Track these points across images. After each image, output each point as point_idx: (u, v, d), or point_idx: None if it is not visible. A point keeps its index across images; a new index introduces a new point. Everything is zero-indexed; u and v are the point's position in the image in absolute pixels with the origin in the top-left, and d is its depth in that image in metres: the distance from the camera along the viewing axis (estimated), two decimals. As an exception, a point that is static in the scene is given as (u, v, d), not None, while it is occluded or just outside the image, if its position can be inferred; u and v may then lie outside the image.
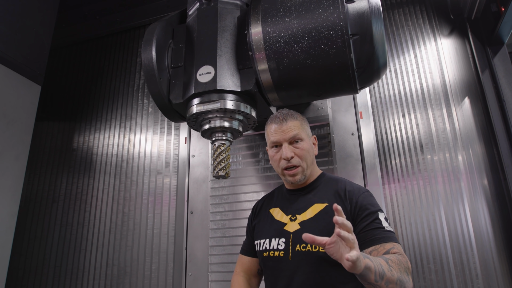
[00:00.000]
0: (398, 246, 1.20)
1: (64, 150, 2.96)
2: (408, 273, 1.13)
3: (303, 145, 1.43)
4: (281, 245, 1.36)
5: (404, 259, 1.15)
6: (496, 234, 1.92)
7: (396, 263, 1.10)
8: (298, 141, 1.43)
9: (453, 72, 2.24)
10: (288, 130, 1.43)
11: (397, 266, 1.09)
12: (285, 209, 1.48)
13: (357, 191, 1.37)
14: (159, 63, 1.71)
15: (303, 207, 1.42)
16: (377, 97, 2.30)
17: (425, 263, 1.96)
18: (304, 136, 1.45)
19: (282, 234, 1.39)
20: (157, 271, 2.39)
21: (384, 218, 1.28)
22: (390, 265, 1.07)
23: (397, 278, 1.06)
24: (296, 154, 1.41)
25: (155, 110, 2.80)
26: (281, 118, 1.45)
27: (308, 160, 1.43)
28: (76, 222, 2.70)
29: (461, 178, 2.04)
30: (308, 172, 1.45)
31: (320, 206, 1.38)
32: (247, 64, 1.64)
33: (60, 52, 3.31)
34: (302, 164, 1.42)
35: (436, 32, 2.34)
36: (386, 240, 1.21)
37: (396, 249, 1.19)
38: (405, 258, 1.16)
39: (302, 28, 1.52)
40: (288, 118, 1.45)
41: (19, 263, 2.72)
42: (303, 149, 1.42)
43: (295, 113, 1.50)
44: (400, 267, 1.10)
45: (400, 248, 1.20)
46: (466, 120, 2.14)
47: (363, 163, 2.09)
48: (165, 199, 2.53)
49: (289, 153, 1.40)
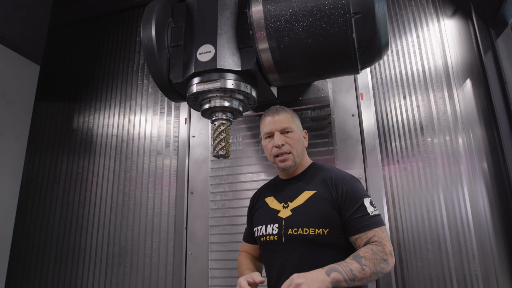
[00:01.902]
0: (379, 232, 1.33)
1: (64, 130, 2.96)
2: (387, 257, 1.27)
3: (293, 135, 1.52)
4: (275, 230, 1.45)
5: (379, 249, 1.27)
6: (494, 215, 1.94)
7: (370, 259, 1.24)
8: (288, 132, 1.52)
9: (456, 53, 2.21)
10: (280, 122, 1.52)
11: (371, 261, 1.23)
12: (278, 197, 1.56)
13: (343, 179, 1.45)
14: (159, 42, 1.70)
15: (294, 195, 1.50)
16: (378, 78, 2.29)
17: (422, 243, 1.98)
18: (294, 128, 1.54)
19: (275, 220, 1.47)
20: (157, 250, 2.42)
21: (370, 203, 1.38)
22: (364, 263, 1.22)
23: (371, 273, 1.22)
24: (286, 142, 1.50)
25: (155, 91, 2.79)
26: (274, 111, 1.55)
27: (298, 149, 1.52)
28: (77, 201, 2.72)
29: (460, 161, 2.04)
30: (298, 160, 1.53)
31: (309, 193, 1.46)
32: (247, 43, 1.63)
33: (59, 32, 3.28)
34: (292, 151, 1.50)
35: (439, 13, 2.31)
36: (370, 227, 1.33)
37: (377, 236, 1.31)
38: (382, 246, 1.28)
39: (304, 6, 1.50)
40: (280, 111, 1.55)
41: (22, 242, 2.75)
42: (293, 138, 1.52)
43: (287, 108, 1.59)
44: (375, 260, 1.24)
45: (381, 233, 1.33)
46: (467, 102, 2.13)
47: (363, 144, 2.09)
48: (165, 180, 2.54)
49: (280, 141, 1.49)
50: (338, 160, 2.11)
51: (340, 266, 1.21)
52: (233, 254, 2.18)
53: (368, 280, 1.24)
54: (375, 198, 1.99)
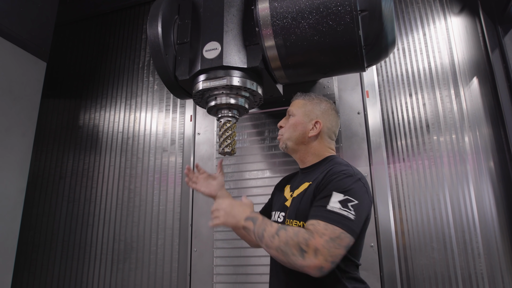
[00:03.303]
0: (322, 226, 1.16)
1: (70, 127, 2.98)
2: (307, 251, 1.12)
3: (292, 119, 1.57)
4: (280, 218, 1.49)
5: (305, 237, 1.14)
6: (499, 214, 1.93)
7: (287, 236, 1.16)
8: (291, 116, 1.58)
9: (462, 51, 2.20)
10: (291, 105, 1.62)
11: (285, 238, 1.16)
12: (291, 186, 1.58)
13: (335, 173, 1.32)
14: (165, 39, 1.70)
15: (297, 185, 1.51)
16: (384, 76, 2.28)
17: (428, 242, 1.98)
18: (296, 113, 1.57)
19: (283, 209, 1.50)
20: (163, 246, 2.43)
21: (340, 200, 1.21)
22: (277, 234, 1.18)
23: (277, 246, 1.17)
24: (286, 125, 1.58)
25: (160, 88, 2.79)
26: (295, 96, 1.66)
27: (292, 134, 1.54)
28: (83, 198, 2.73)
29: (467, 159, 2.04)
30: (290, 144, 1.55)
31: (306, 185, 1.43)
32: (253, 40, 1.63)
33: (65, 29, 3.29)
34: (285, 134, 1.56)
35: (446, 10, 2.29)
36: (315, 218, 1.20)
37: (313, 226, 1.18)
38: (310, 238, 1.14)
39: (310, 3, 1.49)
40: (299, 96, 1.63)
41: (28, 237, 2.77)
42: (290, 122, 1.56)
43: (307, 94, 1.63)
44: (290, 241, 1.15)
45: (323, 229, 1.15)
46: (473, 100, 2.12)
47: (369, 142, 2.09)
48: (171, 177, 2.55)
49: (281, 122, 1.61)
50: (344, 158, 2.10)
51: (260, 221, 1.26)
52: (238, 251, 2.18)
53: (270, 251, 1.20)
54: (380, 196, 1.99)
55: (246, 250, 2.18)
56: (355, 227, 1.17)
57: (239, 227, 1.33)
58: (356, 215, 1.18)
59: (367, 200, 1.28)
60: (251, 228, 1.27)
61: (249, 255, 2.17)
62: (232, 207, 1.37)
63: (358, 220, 1.19)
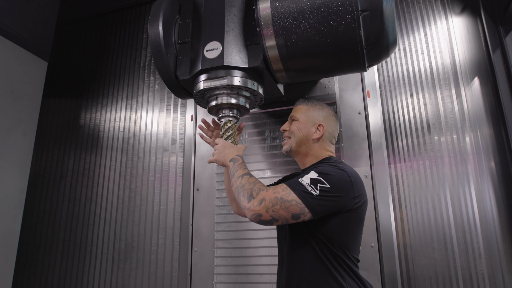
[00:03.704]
0: (280, 186, 1.29)
1: (71, 126, 2.98)
2: (255, 198, 1.25)
3: (296, 123, 1.62)
4: None
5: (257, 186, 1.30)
6: (501, 214, 1.93)
7: (246, 181, 1.34)
8: (294, 120, 1.64)
9: (464, 51, 2.20)
10: (294, 110, 1.67)
11: (244, 182, 1.33)
12: None
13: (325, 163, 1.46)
14: (166, 38, 1.70)
15: None
16: (385, 76, 2.28)
17: (428, 242, 1.97)
18: (299, 118, 1.62)
19: None
20: (163, 246, 2.43)
21: (312, 178, 1.29)
22: (241, 176, 1.36)
23: (236, 186, 1.35)
24: (290, 128, 1.63)
25: (161, 88, 2.79)
26: (297, 102, 1.72)
27: (297, 137, 1.59)
28: (84, 197, 2.74)
29: (468, 159, 2.03)
30: (295, 147, 1.60)
31: None
32: (254, 40, 1.63)
33: (66, 28, 3.29)
34: (291, 136, 1.62)
35: (447, 10, 2.29)
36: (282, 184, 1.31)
37: (276, 186, 1.30)
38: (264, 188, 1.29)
39: (311, 3, 1.49)
40: (301, 102, 1.70)
41: (29, 237, 2.77)
42: (295, 126, 1.62)
43: (308, 101, 1.70)
44: (244, 184, 1.32)
45: (279, 188, 1.28)
46: (475, 100, 2.11)
47: (370, 142, 2.08)
48: (172, 176, 2.55)
49: (284, 126, 1.67)
50: (344, 158, 2.10)
51: (238, 163, 1.45)
52: (239, 251, 2.19)
53: (232, 189, 1.39)
54: (381, 196, 1.99)
55: (247, 250, 2.18)
56: (313, 204, 1.24)
57: (225, 166, 1.54)
58: (321, 196, 1.25)
59: (348, 191, 1.31)
60: (230, 167, 1.46)
61: (249, 255, 2.17)
62: (224, 147, 1.57)
63: (320, 201, 1.25)
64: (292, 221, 1.25)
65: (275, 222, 1.23)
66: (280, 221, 1.24)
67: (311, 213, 1.24)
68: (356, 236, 1.40)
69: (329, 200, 1.26)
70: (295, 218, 1.24)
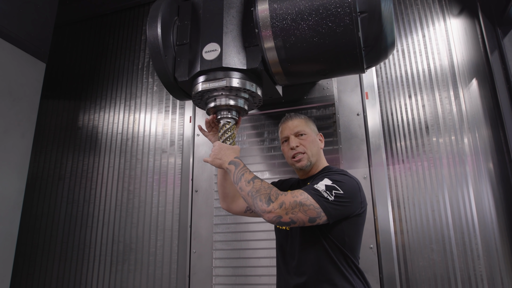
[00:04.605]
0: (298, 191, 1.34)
1: (69, 128, 2.97)
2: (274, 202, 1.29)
3: (306, 137, 1.63)
4: None
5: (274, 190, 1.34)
6: (499, 216, 1.93)
7: (259, 185, 1.36)
8: (302, 134, 1.63)
9: (462, 52, 2.20)
10: (294, 126, 1.65)
11: (258, 186, 1.36)
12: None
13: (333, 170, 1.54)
14: (165, 40, 1.70)
15: None
16: (383, 78, 2.28)
17: (427, 243, 1.98)
18: (307, 131, 1.64)
19: None
20: (162, 248, 2.42)
21: (327, 185, 1.37)
22: (252, 181, 1.38)
23: (249, 190, 1.36)
24: (301, 143, 1.61)
25: (160, 89, 2.79)
26: (288, 118, 1.70)
27: (312, 149, 1.61)
28: (82, 199, 2.73)
29: (466, 161, 2.04)
30: (313, 160, 1.61)
31: None
32: (253, 41, 1.63)
33: (65, 30, 3.29)
34: (306, 151, 1.60)
35: (445, 12, 2.29)
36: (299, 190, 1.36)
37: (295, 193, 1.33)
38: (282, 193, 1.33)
39: (310, 5, 1.49)
40: (294, 117, 1.69)
41: (27, 238, 2.77)
42: (307, 140, 1.62)
43: (301, 114, 1.73)
44: (260, 188, 1.35)
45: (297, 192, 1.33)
46: (473, 102, 2.12)
47: (368, 143, 2.09)
48: (170, 178, 2.55)
49: (294, 143, 1.61)
50: (343, 160, 2.10)
51: (241, 167, 1.46)
52: (237, 252, 2.18)
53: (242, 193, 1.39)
54: (379, 198, 1.99)
55: (246, 252, 2.17)
56: (330, 208, 1.31)
57: (223, 169, 1.55)
58: (335, 201, 1.33)
59: (356, 197, 1.41)
60: (232, 171, 1.47)
61: (248, 257, 2.17)
62: (220, 150, 1.57)
63: (335, 205, 1.33)
64: (308, 223, 1.31)
65: (293, 224, 1.30)
66: (298, 223, 1.29)
67: (326, 217, 1.31)
68: (361, 237, 1.51)
69: (343, 205, 1.35)
70: (311, 221, 1.30)
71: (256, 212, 1.34)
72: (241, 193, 1.41)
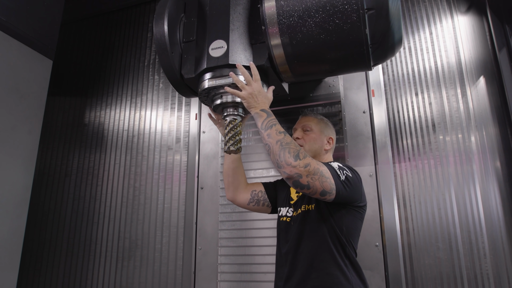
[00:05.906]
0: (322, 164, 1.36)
1: (76, 125, 2.99)
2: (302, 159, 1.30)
3: (310, 133, 1.70)
4: (289, 212, 1.64)
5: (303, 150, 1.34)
6: (506, 214, 1.92)
7: (290, 139, 1.36)
8: (308, 130, 1.72)
9: (469, 50, 2.19)
10: (304, 121, 1.75)
11: (289, 140, 1.36)
12: None
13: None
14: (171, 37, 1.70)
15: None
16: (390, 75, 2.27)
17: (433, 241, 1.97)
18: (314, 129, 1.71)
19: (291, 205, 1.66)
20: (167, 244, 2.43)
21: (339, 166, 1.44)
22: (285, 133, 1.37)
23: (279, 139, 1.35)
24: (303, 137, 1.70)
25: (166, 86, 2.80)
26: (305, 113, 1.81)
27: (312, 146, 1.68)
28: (88, 195, 2.75)
29: (473, 159, 2.02)
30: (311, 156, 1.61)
31: None
32: (259, 38, 1.62)
33: (71, 27, 3.31)
34: (305, 145, 1.68)
35: (453, 9, 2.28)
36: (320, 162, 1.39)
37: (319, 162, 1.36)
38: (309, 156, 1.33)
39: (317, 2, 1.48)
40: (310, 114, 1.80)
41: (34, 234, 2.79)
42: (309, 136, 1.70)
43: (320, 115, 1.81)
44: (291, 142, 1.35)
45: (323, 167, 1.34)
46: (480, 100, 2.10)
47: (374, 141, 2.08)
48: (176, 175, 2.55)
49: (297, 134, 1.71)
50: (349, 157, 2.10)
51: (273, 117, 1.44)
52: (243, 249, 2.19)
53: (269, 140, 1.37)
54: (385, 196, 1.98)
55: (251, 249, 2.18)
56: (340, 186, 1.35)
57: (251, 111, 1.50)
58: (346, 181, 1.38)
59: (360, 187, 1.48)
60: (263, 117, 1.43)
61: (253, 254, 2.17)
62: (259, 93, 1.51)
63: (345, 185, 1.37)
64: (318, 196, 1.32)
65: (306, 189, 1.30)
66: (310, 190, 1.30)
67: (335, 195, 1.34)
68: (359, 233, 1.54)
69: (349, 187, 1.39)
70: (322, 195, 1.31)
71: (278, 162, 1.32)
72: (267, 140, 1.38)
